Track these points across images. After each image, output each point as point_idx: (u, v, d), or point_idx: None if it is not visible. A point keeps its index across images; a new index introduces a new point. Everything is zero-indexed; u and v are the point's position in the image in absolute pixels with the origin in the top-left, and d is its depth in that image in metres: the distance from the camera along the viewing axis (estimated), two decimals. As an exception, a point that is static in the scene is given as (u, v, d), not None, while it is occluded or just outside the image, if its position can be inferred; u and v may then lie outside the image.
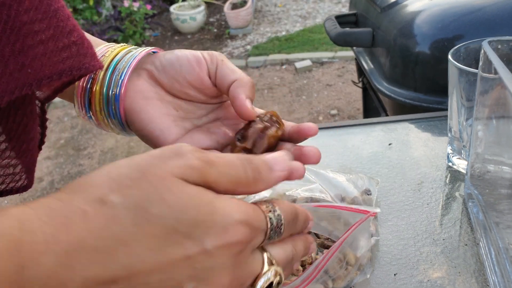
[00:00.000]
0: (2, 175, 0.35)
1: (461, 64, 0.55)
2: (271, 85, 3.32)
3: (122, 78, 0.39)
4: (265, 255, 0.30)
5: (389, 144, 0.70)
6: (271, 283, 0.29)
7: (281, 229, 0.30)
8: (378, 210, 0.46)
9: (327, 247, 0.49)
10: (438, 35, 1.15)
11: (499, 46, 0.48)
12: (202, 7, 4.47)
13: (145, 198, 0.24)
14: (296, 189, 0.54)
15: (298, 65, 3.51)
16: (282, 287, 0.31)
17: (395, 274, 0.47)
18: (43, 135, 0.38)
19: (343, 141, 0.73)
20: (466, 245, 0.50)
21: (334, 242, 0.46)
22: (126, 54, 0.40)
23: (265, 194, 0.54)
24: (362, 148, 0.70)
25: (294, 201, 0.53)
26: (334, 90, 3.13)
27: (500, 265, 0.43)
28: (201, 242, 0.25)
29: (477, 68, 0.49)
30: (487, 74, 0.45)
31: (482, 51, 0.46)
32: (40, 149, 0.38)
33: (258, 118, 0.38)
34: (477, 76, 0.49)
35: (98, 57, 0.34)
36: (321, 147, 0.73)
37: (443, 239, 0.51)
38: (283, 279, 0.30)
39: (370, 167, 0.65)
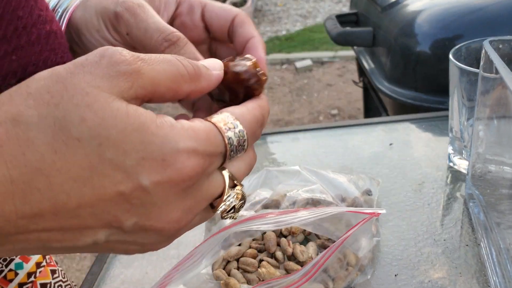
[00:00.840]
0: None
1: (462, 64, 0.55)
2: (271, 85, 3.31)
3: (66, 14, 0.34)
4: (226, 174, 0.26)
5: (390, 144, 0.70)
6: (233, 206, 0.26)
7: (244, 146, 0.26)
8: (383, 211, 0.46)
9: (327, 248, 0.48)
10: (439, 34, 1.15)
11: (500, 46, 0.48)
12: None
13: (64, 118, 0.21)
14: (297, 190, 0.54)
15: (299, 64, 3.51)
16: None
17: (396, 275, 0.47)
18: None
19: (344, 141, 0.73)
20: (467, 245, 0.50)
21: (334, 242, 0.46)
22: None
23: (265, 195, 0.54)
24: (362, 148, 0.70)
25: (294, 202, 0.52)
26: (334, 89, 3.13)
27: (501, 266, 0.42)
28: (135, 177, 0.21)
29: (478, 68, 0.49)
30: (488, 74, 0.45)
31: (483, 51, 0.46)
32: None
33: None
34: (478, 76, 0.49)
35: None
36: (321, 147, 0.73)
37: (444, 240, 0.51)
38: (246, 198, 0.27)
39: (371, 167, 0.65)
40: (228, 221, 0.50)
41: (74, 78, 0.22)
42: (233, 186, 0.26)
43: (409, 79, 1.20)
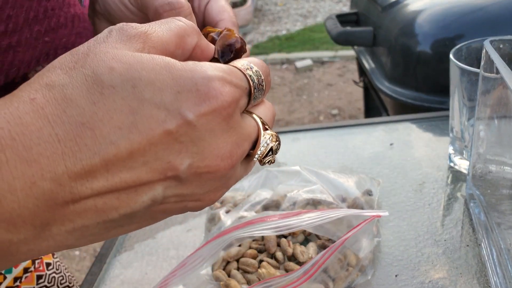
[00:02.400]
0: None
1: (463, 64, 0.54)
2: (272, 85, 3.31)
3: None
4: (256, 118, 0.26)
5: (391, 144, 0.70)
6: (271, 148, 0.26)
7: (263, 85, 0.27)
8: (386, 213, 0.46)
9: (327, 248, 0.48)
10: (439, 34, 1.15)
11: (501, 46, 0.48)
12: None
13: (93, 72, 0.21)
14: (298, 190, 0.54)
15: (299, 64, 3.51)
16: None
17: (396, 275, 0.47)
18: None
19: (344, 141, 0.73)
20: (467, 246, 0.50)
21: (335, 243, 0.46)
22: None
23: (265, 195, 0.54)
24: (363, 148, 0.70)
25: (294, 203, 0.52)
26: (335, 89, 3.13)
27: (502, 266, 0.42)
28: (177, 112, 0.21)
29: (478, 68, 0.49)
30: (489, 74, 0.45)
31: (484, 51, 0.46)
32: None
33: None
34: (478, 76, 0.48)
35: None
36: (321, 147, 0.73)
37: (445, 240, 0.51)
38: (280, 140, 0.28)
39: (371, 168, 0.65)
40: (228, 222, 0.50)
41: (94, 47, 0.22)
42: (264, 130, 0.27)
43: (409, 79, 1.20)
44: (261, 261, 0.48)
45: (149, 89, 0.21)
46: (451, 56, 0.57)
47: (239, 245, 0.49)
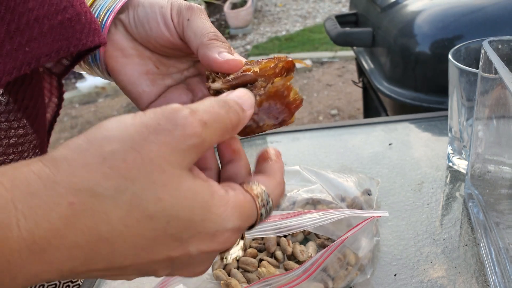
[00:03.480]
0: (12, 153, 0.35)
1: (462, 64, 0.55)
2: (271, 85, 3.31)
3: (102, 28, 0.37)
4: (241, 241, 0.30)
5: (390, 144, 0.70)
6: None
7: (268, 217, 0.29)
8: (386, 214, 0.46)
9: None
10: (438, 35, 1.15)
11: (500, 46, 0.48)
12: (202, 7, 4.45)
13: (141, 195, 0.22)
14: (297, 190, 0.54)
15: (298, 65, 3.50)
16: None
17: (395, 275, 0.47)
18: (59, 106, 0.38)
19: (344, 141, 0.73)
20: (466, 245, 0.50)
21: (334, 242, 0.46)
22: None
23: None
24: (362, 148, 0.70)
25: (294, 203, 0.53)
26: (334, 90, 3.13)
27: (500, 265, 0.43)
28: (187, 246, 0.25)
29: (477, 68, 0.49)
30: (488, 74, 0.45)
31: (483, 51, 0.46)
32: (54, 122, 0.39)
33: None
34: (477, 76, 0.49)
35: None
36: (321, 147, 0.73)
37: (444, 239, 0.51)
38: (241, 251, 0.31)
39: (371, 167, 0.65)
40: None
41: (149, 148, 0.23)
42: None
43: (408, 79, 1.20)
44: (261, 260, 0.48)
45: (178, 227, 0.24)
46: (450, 56, 0.57)
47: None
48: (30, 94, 0.33)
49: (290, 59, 0.32)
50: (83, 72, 0.42)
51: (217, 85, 0.32)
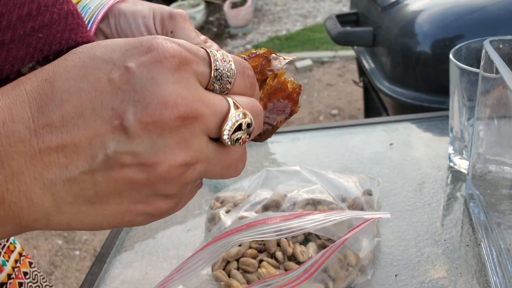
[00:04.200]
0: None
1: (463, 64, 0.54)
2: (272, 85, 3.31)
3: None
4: (229, 99, 0.26)
5: (390, 144, 0.70)
6: (240, 124, 0.26)
7: (231, 69, 0.26)
8: (387, 215, 0.46)
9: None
10: (439, 34, 1.15)
11: (501, 46, 0.48)
12: (202, 6, 4.47)
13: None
14: (298, 190, 0.54)
15: (299, 64, 3.51)
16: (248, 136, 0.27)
17: (396, 275, 0.47)
18: None
19: (344, 141, 0.73)
20: (467, 245, 0.50)
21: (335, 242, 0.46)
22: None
23: (265, 195, 0.54)
24: (363, 148, 0.70)
25: (294, 203, 0.52)
26: (334, 89, 3.13)
27: (501, 266, 0.42)
28: (122, 64, 0.24)
29: (478, 68, 0.49)
30: (489, 74, 0.45)
31: (484, 51, 0.46)
32: None
33: None
34: (478, 76, 0.48)
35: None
36: (321, 147, 0.73)
37: (444, 240, 0.51)
38: (253, 123, 0.27)
39: (371, 167, 0.65)
40: (228, 222, 0.50)
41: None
42: (236, 108, 0.26)
43: (409, 79, 1.20)
44: (261, 261, 0.48)
45: (102, 49, 0.24)
46: (451, 56, 0.57)
47: (239, 245, 0.49)
48: None
49: (266, 52, 0.31)
50: None
51: None
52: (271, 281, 0.41)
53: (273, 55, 0.31)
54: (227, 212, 0.54)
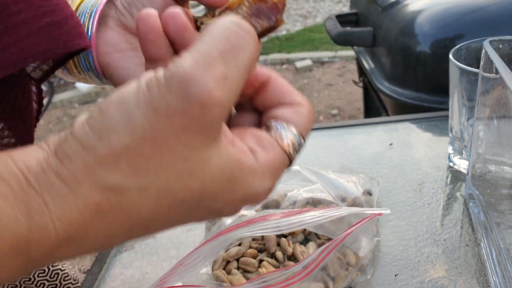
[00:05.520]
0: None
1: (462, 64, 0.54)
2: (272, 85, 3.31)
3: (89, 32, 0.37)
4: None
5: (390, 144, 0.70)
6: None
7: (302, 148, 0.28)
8: (387, 211, 0.46)
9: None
10: (439, 34, 1.15)
11: (500, 46, 0.48)
12: (202, 6, 4.46)
13: (168, 188, 0.22)
14: (298, 190, 0.54)
15: (299, 64, 3.51)
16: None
17: (396, 275, 0.47)
18: (39, 112, 0.38)
19: (344, 141, 0.73)
20: (467, 245, 0.50)
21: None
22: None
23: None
24: (363, 148, 0.70)
25: (294, 202, 0.52)
26: (334, 89, 3.13)
27: (501, 266, 0.42)
28: (219, 214, 0.25)
29: (478, 68, 0.49)
30: (488, 74, 0.45)
31: (483, 51, 0.46)
32: (37, 121, 0.38)
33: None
34: (478, 76, 0.49)
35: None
36: (321, 147, 0.73)
37: (444, 240, 0.51)
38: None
39: (371, 167, 0.65)
40: (229, 221, 0.50)
41: (165, 136, 0.20)
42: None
43: (409, 79, 1.20)
44: (261, 260, 0.48)
45: (209, 200, 0.23)
46: (450, 56, 0.57)
47: (239, 245, 0.49)
48: (14, 98, 0.33)
49: None
50: (80, 83, 0.42)
51: (207, 21, 0.33)
52: (269, 277, 0.41)
53: None
54: (227, 211, 0.54)
